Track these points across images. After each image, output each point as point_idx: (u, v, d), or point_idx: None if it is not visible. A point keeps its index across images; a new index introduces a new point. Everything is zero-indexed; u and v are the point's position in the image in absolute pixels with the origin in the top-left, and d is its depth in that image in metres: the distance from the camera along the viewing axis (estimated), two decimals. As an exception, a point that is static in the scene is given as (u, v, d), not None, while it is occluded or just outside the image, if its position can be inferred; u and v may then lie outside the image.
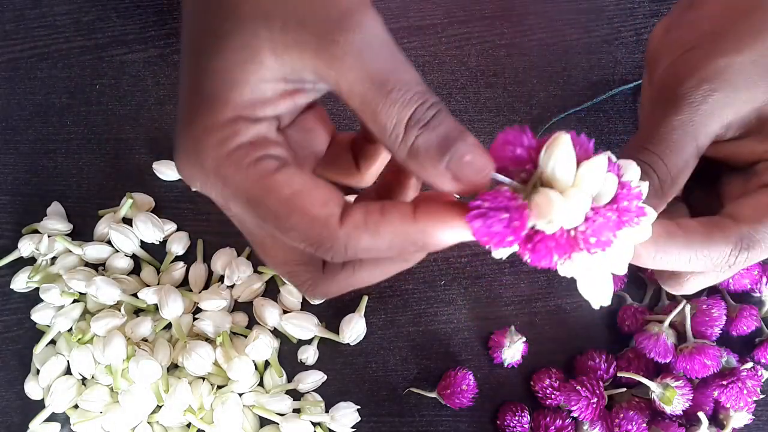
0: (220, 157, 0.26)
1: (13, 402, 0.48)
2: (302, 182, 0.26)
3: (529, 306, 0.50)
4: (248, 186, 0.26)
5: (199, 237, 0.50)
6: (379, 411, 0.48)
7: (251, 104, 0.26)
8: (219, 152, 0.26)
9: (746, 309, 0.47)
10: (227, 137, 0.26)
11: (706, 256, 0.29)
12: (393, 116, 0.25)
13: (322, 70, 0.25)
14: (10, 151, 0.52)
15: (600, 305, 0.28)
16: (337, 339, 0.48)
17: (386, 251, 0.26)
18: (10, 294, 0.49)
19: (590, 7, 0.54)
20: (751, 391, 0.44)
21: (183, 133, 0.27)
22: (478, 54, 0.54)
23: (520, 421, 0.46)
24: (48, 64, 0.54)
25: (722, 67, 0.31)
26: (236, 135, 0.26)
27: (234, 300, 0.49)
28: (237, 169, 0.26)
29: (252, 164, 0.26)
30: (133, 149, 0.52)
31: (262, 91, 0.26)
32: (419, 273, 0.50)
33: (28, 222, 0.50)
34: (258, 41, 0.25)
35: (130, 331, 0.46)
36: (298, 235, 0.26)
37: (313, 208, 0.25)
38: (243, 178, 0.26)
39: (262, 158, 0.26)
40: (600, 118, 0.52)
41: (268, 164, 0.26)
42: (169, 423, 0.46)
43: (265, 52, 0.25)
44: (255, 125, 0.26)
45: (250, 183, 0.26)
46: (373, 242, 0.26)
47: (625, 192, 0.25)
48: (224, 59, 0.26)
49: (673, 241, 0.29)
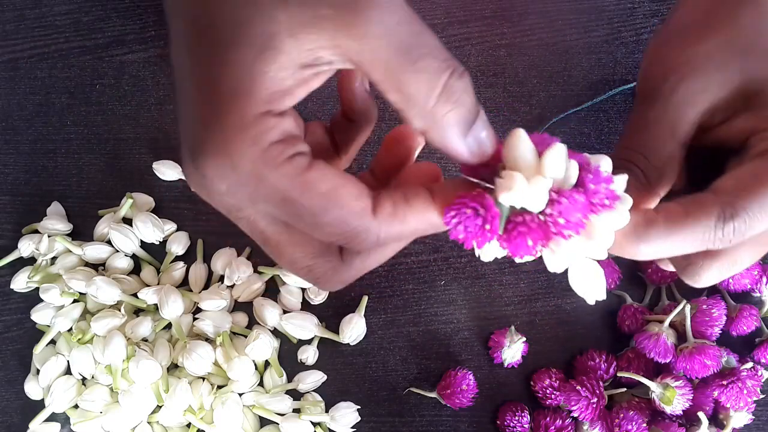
0: (255, 156, 0.25)
1: (13, 402, 0.48)
2: (334, 176, 0.26)
3: (529, 306, 0.50)
4: (284, 185, 0.25)
5: (199, 237, 0.50)
6: (379, 411, 0.48)
7: (274, 97, 0.25)
8: (254, 152, 0.25)
9: (746, 309, 0.47)
10: (260, 135, 0.25)
11: (690, 234, 0.29)
12: (421, 86, 0.25)
13: (343, 41, 0.24)
14: (10, 151, 0.52)
15: (595, 300, 0.28)
16: (337, 339, 0.48)
17: (411, 236, 0.28)
18: (10, 294, 0.49)
19: (590, 7, 0.54)
20: (751, 391, 0.44)
21: (206, 134, 0.25)
22: (478, 54, 0.54)
23: (520, 421, 0.46)
24: (48, 64, 0.54)
25: (688, 56, 0.32)
26: (268, 132, 0.25)
27: (234, 300, 0.49)
28: (272, 169, 0.25)
29: (287, 162, 0.25)
30: (133, 149, 0.52)
31: (282, 81, 0.25)
32: (419, 273, 0.50)
33: (28, 222, 0.50)
34: (275, 26, 0.24)
35: (130, 331, 0.46)
36: (335, 229, 0.26)
37: (350, 201, 0.26)
38: (279, 177, 0.25)
39: (294, 156, 0.26)
40: (600, 118, 0.52)
41: (300, 161, 0.26)
42: (169, 423, 0.46)
43: (283, 36, 0.24)
44: (282, 120, 0.26)
45: (286, 182, 0.25)
46: (402, 229, 0.27)
47: (592, 176, 0.26)
48: (243, 50, 0.25)
49: (653, 226, 0.29)
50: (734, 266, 0.32)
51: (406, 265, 0.50)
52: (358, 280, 0.49)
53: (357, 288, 0.50)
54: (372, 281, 0.50)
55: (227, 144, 0.25)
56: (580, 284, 0.28)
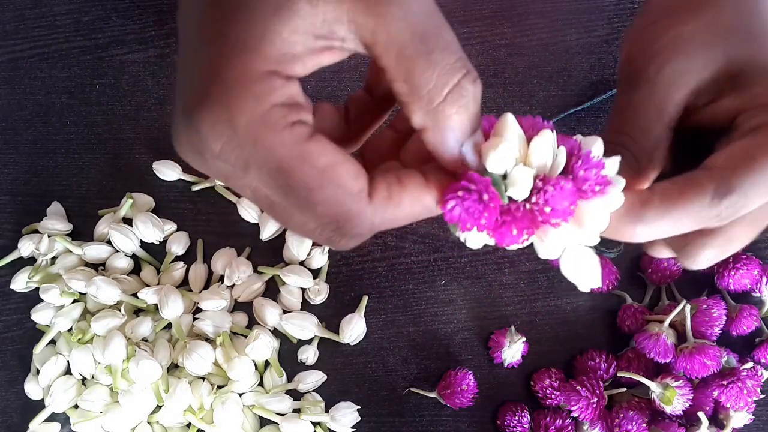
0: (255, 115, 0.23)
1: (13, 402, 0.48)
2: (334, 152, 0.25)
3: (529, 306, 0.50)
4: (282, 152, 0.24)
5: (199, 237, 0.50)
6: (379, 411, 0.48)
7: (284, 58, 0.24)
8: (254, 109, 0.23)
9: (746, 309, 0.47)
10: (263, 93, 0.23)
11: (686, 212, 0.28)
12: (432, 79, 0.24)
13: (360, 17, 0.24)
14: (10, 151, 0.52)
15: (589, 287, 0.28)
16: (337, 339, 0.48)
17: (404, 219, 0.26)
18: (10, 294, 0.49)
19: (590, 7, 0.54)
20: (751, 391, 0.44)
21: (206, 85, 0.24)
22: (478, 54, 0.54)
23: (520, 421, 0.46)
24: (48, 64, 0.54)
25: (672, 37, 0.32)
26: (272, 92, 0.24)
27: (234, 300, 0.49)
28: (272, 132, 0.24)
29: (288, 128, 0.24)
30: (133, 149, 0.52)
31: (294, 45, 0.24)
32: (419, 273, 0.50)
33: (28, 222, 0.50)
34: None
35: (130, 331, 0.46)
36: (328, 209, 0.25)
37: (348, 180, 0.25)
38: (277, 143, 0.24)
39: (296, 123, 0.24)
40: (600, 118, 0.52)
41: (301, 130, 0.24)
42: (169, 423, 0.46)
43: (301, 1, 0.23)
44: (288, 84, 0.24)
45: (284, 149, 0.24)
46: (395, 212, 0.26)
47: (581, 162, 0.26)
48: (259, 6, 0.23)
49: (649, 206, 0.28)
50: (731, 245, 0.32)
51: (406, 265, 0.50)
52: (357, 280, 0.49)
53: (357, 288, 0.50)
54: (372, 281, 0.50)
55: (228, 96, 0.23)
56: (572, 271, 0.28)
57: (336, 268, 0.50)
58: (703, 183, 0.28)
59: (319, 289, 0.49)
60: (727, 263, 0.47)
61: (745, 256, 0.47)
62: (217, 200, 0.50)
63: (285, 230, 0.49)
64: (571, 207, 0.26)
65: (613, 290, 0.50)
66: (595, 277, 0.28)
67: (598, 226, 0.27)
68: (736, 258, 0.47)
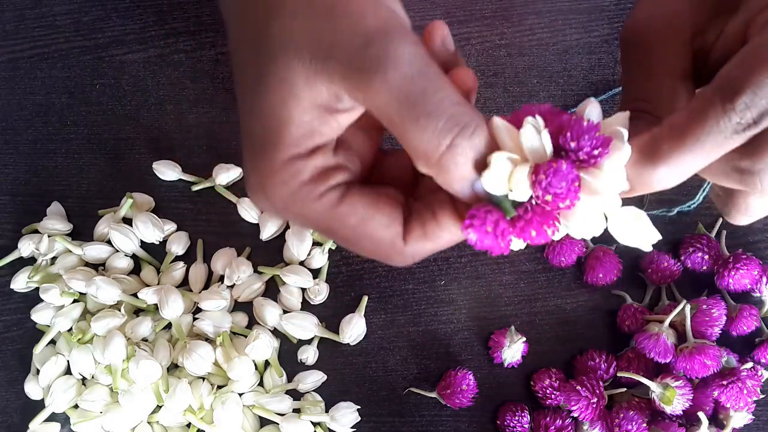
0: (286, 197, 0.28)
1: (13, 402, 0.48)
2: (365, 207, 0.28)
3: (529, 306, 0.50)
4: (317, 219, 0.29)
5: (199, 237, 0.50)
6: (379, 411, 0.48)
7: (301, 140, 0.27)
8: (283, 193, 0.28)
9: (746, 309, 0.47)
10: (289, 178, 0.28)
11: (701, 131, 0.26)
12: (422, 143, 0.25)
13: (352, 93, 0.26)
14: (10, 151, 0.52)
15: (650, 245, 0.27)
16: (337, 339, 0.48)
17: (442, 248, 0.30)
18: (10, 294, 0.49)
19: (590, 7, 0.54)
20: (751, 391, 0.44)
21: (249, 175, 0.29)
22: (478, 54, 0.54)
23: (520, 421, 0.46)
24: (48, 64, 0.54)
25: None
26: (297, 175, 0.28)
27: (234, 300, 0.49)
28: (303, 206, 0.28)
29: (317, 199, 0.28)
30: (133, 149, 0.52)
31: (307, 123, 0.27)
32: (419, 273, 0.50)
33: (28, 222, 0.50)
34: (293, 74, 0.26)
35: (130, 331, 0.46)
36: (370, 254, 0.30)
37: (378, 232, 0.29)
38: (312, 215, 0.28)
39: (324, 193, 0.28)
40: (600, 118, 0.52)
41: (331, 197, 0.28)
42: (169, 423, 0.46)
43: (300, 84, 0.26)
44: (311, 159, 0.28)
45: (318, 217, 0.28)
46: (433, 246, 0.29)
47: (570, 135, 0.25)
48: (267, 98, 0.27)
49: (661, 141, 0.26)
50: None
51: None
52: (357, 280, 0.49)
53: (357, 288, 0.50)
54: (372, 281, 0.50)
55: (263, 186, 0.28)
56: (625, 236, 0.26)
57: (336, 268, 0.50)
58: (711, 95, 0.26)
59: (319, 289, 0.49)
60: (727, 263, 0.47)
61: (745, 256, 0.47)
62: (217, 200, 0.50)
63: (285, 230, 0.49)
64: (575, 184, 0.25)
65: (613, 289, 0.50)
66: (651, 234, 0.27)
67: (614, 186, 0.26)
68: (736, 258, 0.47)
